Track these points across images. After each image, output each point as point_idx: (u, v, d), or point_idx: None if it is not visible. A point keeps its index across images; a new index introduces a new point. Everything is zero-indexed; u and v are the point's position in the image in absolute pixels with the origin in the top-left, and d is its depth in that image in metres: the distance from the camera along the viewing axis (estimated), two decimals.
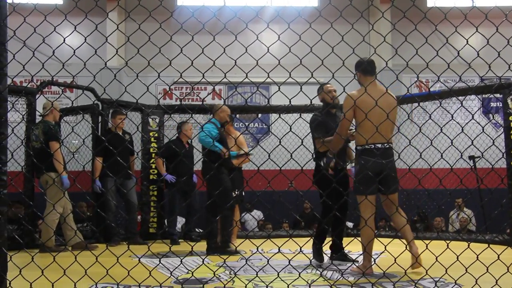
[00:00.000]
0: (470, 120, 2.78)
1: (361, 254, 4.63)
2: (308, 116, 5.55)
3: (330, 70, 2.80)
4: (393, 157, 4.11)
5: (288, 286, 2.82)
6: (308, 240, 5.04)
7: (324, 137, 4.70)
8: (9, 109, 2.68)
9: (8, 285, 2.37)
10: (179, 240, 6.85)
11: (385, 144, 4.05)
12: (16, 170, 4.14)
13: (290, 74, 2.71)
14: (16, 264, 2.46)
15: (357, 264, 4.06)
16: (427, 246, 2.86)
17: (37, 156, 5.72)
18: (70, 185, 5.63)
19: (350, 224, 8.88)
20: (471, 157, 7.99)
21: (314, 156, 4.31)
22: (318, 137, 4.73)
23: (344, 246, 4.92)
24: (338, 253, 4.91)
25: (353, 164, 4.39)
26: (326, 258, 4.76)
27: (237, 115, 9.23)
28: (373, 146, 4.02)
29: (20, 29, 2.53)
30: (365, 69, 4.17)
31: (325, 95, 4.93)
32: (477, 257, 2.59)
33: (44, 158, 5.46)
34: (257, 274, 2.91)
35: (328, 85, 5.00)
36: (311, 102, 2.82)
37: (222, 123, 5.84)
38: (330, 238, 4.97)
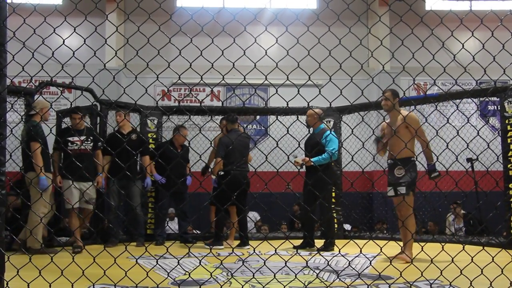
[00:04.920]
0: (466, 123, 2.80)
1: (357, 256, 4.65)
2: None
3: (327, 73, 2.82)
4: None
5: None
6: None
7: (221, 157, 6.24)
8: (8, 109, 2.68)
9: (5, 285, 2.38)
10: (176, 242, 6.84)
11: None
12: (14, 171, 4.14)
13: (287, 77, 2.73)
14: (14, 265, 2.47)
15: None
16: (422, 248, 2.88)
17: (23, 156, 5.71)
18: (46, 187, 5.40)
19: (348, 227, 8.87)
20: (469, 160, 8.00)
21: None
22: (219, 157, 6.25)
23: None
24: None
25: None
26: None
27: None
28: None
29: (20, 29, 2.54)
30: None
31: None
32: (472, 259, 2.61)
33: (26, 158, 5.48)
34: (253, 275, 2.92)
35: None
36: (308, 104, 2.84)
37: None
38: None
